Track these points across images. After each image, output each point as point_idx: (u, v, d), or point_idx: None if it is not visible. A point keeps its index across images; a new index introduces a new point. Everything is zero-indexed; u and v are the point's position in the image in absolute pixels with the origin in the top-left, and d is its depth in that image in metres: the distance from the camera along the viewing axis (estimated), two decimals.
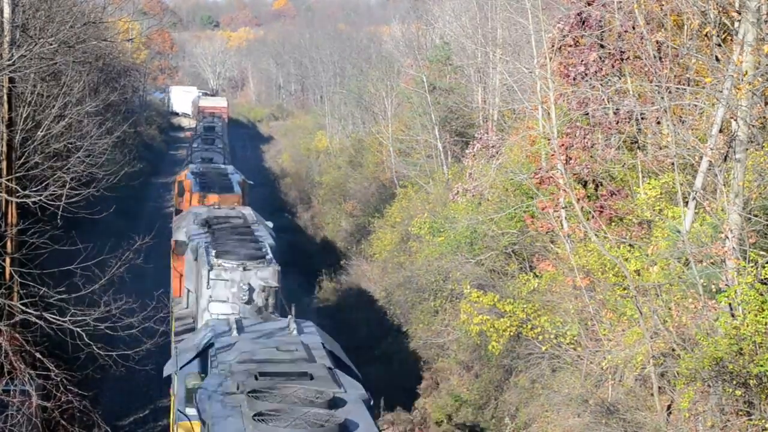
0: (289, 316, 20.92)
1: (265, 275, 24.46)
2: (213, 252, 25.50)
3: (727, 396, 17.93)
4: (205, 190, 38.92)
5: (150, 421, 27.23)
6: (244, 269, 24.47)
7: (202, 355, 20.28)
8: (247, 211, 32.74)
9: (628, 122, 23.72)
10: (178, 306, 28.82)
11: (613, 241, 22.01)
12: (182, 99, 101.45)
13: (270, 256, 25.70)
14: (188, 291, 27.78)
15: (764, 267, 17.63)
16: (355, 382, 18.02)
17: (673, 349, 19.28)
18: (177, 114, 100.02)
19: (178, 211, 40.40)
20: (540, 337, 23.84)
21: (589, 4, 25.08)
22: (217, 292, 24.31)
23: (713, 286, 18.29)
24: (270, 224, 32.23)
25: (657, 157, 22.42)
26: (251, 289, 24.14)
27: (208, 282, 24.43)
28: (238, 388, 16.77)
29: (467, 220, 29.58)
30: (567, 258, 24.15)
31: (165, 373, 21.54)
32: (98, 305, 17.86)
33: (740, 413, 17.92)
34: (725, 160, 19.00)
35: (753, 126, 18.49)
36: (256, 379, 17.27)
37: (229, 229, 28.84)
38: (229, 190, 39.23)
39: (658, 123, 22.52)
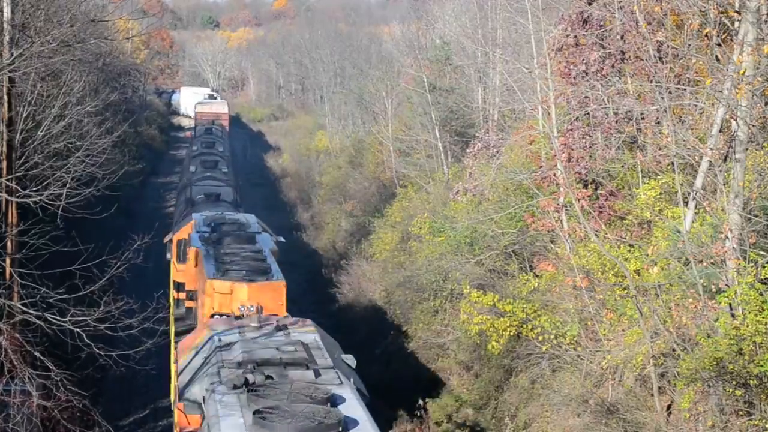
0: None
1: None
2: None
3: (727, 396, 17.94)
4: (228, 275, 22.96)
5: (150, 421, 27.24)
6: None
7: None
8: (311, 337, 19.54)
9: (628, 122, 23.72)
10: None
11: (613, 241, 22.02)
12: (192, 101, 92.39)
13: None
14: None
15: (764, 267, 17.64)
16: None
17: (673, 350, 19.30)
18: (190, 117, 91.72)
19: (178, 285, 29.39)
20: (540, 337, 23.84)
21: (589, 4, 25.11)
22: None
23: (713, 286, 18.30)
24: (352, 361, 19.75)
25: (657, 157, 22.42)
26: None
27: None
28: None
29: (467, 220, 29.57)
30: (567, 258, 24.15)
31: None
32: (98, 305, 17.86)
33: (740, 413, 17.94)
34: (725, 160, 19.02)
35: (753, 126, 18.50)
36: None
37: (289, 394, 15.23)
38: (265, 275, 23.23)
39: (658, 123, 22.52)
